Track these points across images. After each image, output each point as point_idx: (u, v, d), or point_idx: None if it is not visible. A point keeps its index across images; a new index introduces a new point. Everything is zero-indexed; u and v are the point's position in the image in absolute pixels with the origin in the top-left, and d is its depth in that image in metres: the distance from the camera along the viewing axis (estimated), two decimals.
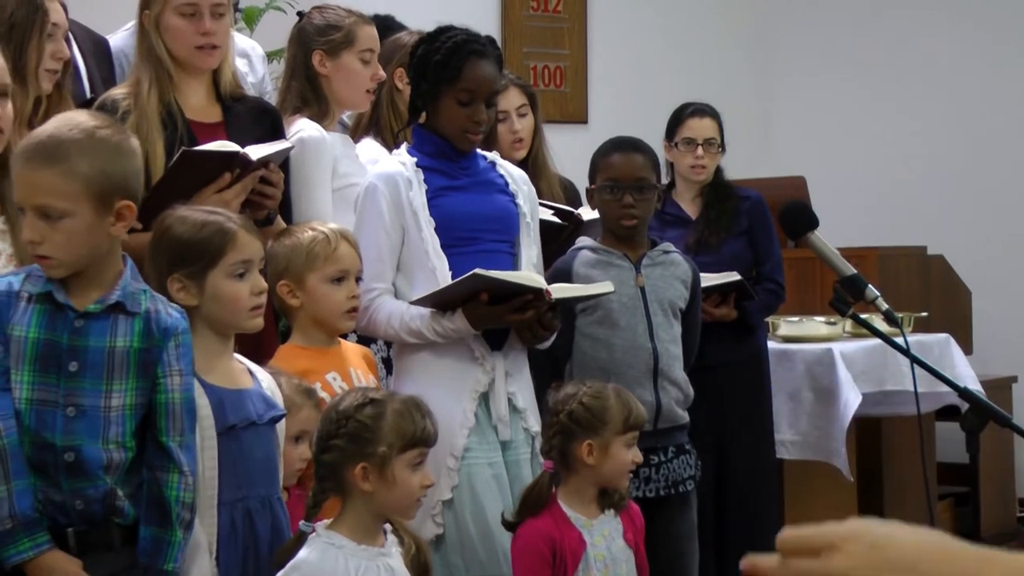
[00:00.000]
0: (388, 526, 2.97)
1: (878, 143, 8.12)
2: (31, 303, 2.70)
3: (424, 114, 3.77)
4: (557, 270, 4.03)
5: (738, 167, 5.36)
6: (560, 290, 3.66)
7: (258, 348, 3.42)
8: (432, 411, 3.53)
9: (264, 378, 3.10)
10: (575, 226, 4.33)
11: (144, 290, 2.78)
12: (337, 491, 2.93)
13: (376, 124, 4.43)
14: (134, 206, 2.73)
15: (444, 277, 3.63)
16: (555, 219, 4.25)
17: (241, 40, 4.91)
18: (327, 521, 2.91)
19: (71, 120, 2.75)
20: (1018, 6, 7.85)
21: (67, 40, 4.06)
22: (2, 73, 3.10)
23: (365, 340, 3.89)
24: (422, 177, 3.69)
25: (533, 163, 4.79)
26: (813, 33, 8.35)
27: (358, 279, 3.54)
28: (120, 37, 4.36)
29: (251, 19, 6.08)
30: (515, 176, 3.89)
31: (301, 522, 2.91)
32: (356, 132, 4.48)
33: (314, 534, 2.88)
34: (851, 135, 8.19)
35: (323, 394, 3.38)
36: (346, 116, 4.50)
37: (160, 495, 2.73)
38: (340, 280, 3.49)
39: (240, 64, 4.65)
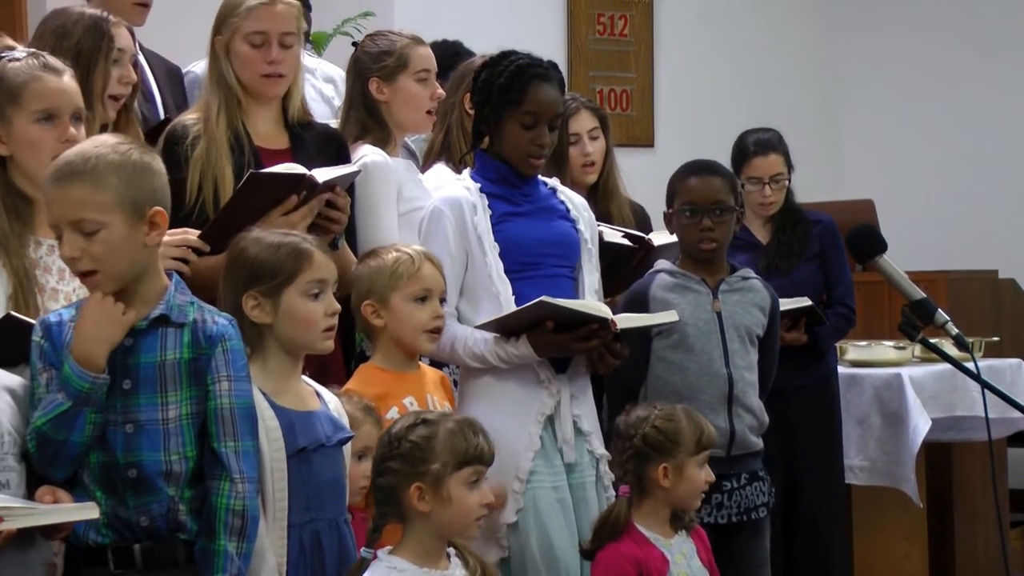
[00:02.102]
0: (451, 549, 2.97)
1: (948, 166, 8.05)
2: None
3: (487, 139, 3.78)
4: (634, 293, 4.03)
5: (806, 190, 5.34)
6: (625, 320, 3.66)
7: (324, 370, 3.44)
8: (497, 434, 3.54)
9: (330, 399, 3.12)
10: (646, 251, 4.32)
11: (192, 302, 2.80)
12: (397, 516, 2.92)
13: (447, 149, 4.44)
14: (166, 213, 2.76)
15: (508, 302, 3.64)
16: (625, 241, 4.24)
17: (328, 66, 4.96)
18: (389, 547, 2.91)
19: (95, 140, 2.81)
20: None
21: (140, 66, 4.12)
22: (76, 96, 3.15)
23: (437, 364, 3.90)
24: (486, 202, 3.71)
25: (604, 186, 4.80)
26: (881, 55, 8.30)
27: (442, 300, 3.56)
28: (203, 63, 4.41)
29: (320, 44, 6.13)
30: (575, 202, 3.90)
31: (363, 548, 2.91)
32: (428, 157, 4.50)
33: (376, 560, 2.87)
34: (920, 158, 8.13)
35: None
36: (411, 140, 4.52)
37: (209, 503, 2.75)
38: (423, 300, 3.51)
39: (327, 89, 4.70)
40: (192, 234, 3.41)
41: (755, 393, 4.03)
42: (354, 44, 4.40)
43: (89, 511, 2.62)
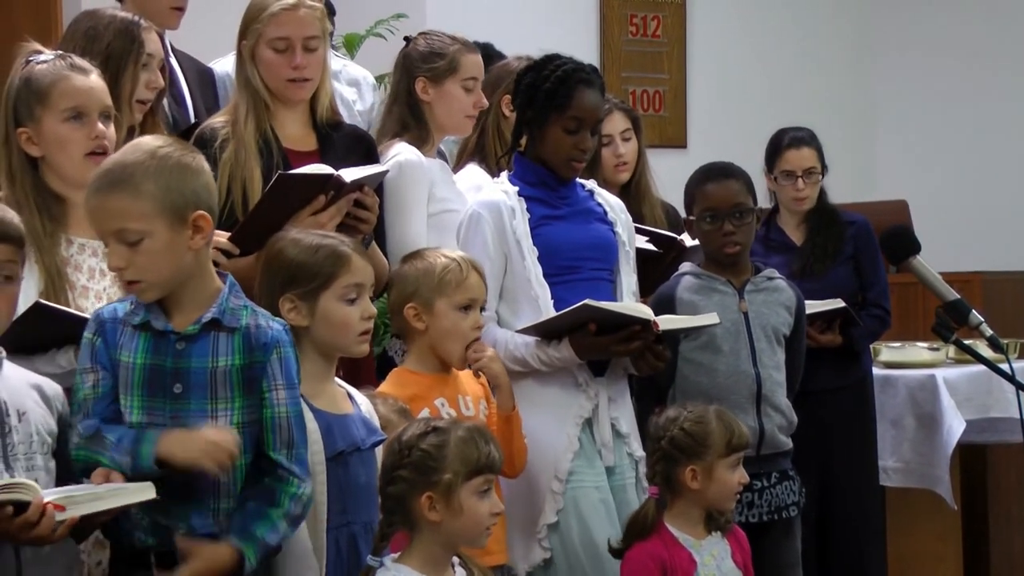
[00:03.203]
0: (455, 558, 2.93)
1: (982, 166, 8.00)
2: (136, 331, 2.74)
3: (524, 141, 3.78)
4: (661, 295, 4.03)
5: (840, 192, 5.32)
6: (667, 321, 3.67)
7: (355, 371, 3.44)
8: (536, 436, 3.57)
9: (362, 402, 3.12)
10: (678, 252, 4.31)
11: (245, 305, 2.78)
12: (404, 524, 2.86)
13: (481, 151, 4.44)
14: (209, 216, 2.74)
15: (547, 306, 3.65)
16: (650, 246, 4.23)
17: (353, 68, 4.97)
18: (395, 555, 2.87)
19: (134, 145, 2.79)
20: None
21: (171, 69, 4.13)
22: (104, 95, 3.17)
23: None
24: (525, 206, 3.71)
25: (636, 187, 4.81)
26: (914, 56, 8.26)
27: (482, 309, 3.56)
28: (228, 60, 4.43)
29: (352, 45, 6.14)
30: (613, 204, 3.91)
31: (369, 557, 2.86)
32: (461, 157, 4.50)
33: (382, 568, 2.82)
34: (954, 158, 8.08)
35: None
36: (442, 145, 4.52)
37: (271, 488, 2.73)
38: (467, 308, 3.50)
39: (349, 92, 4.70)
40: (222, 236, 3.41)
41: (783, 392, 4.03)
42: (406, 39, 4.37)
43: (146, 491, 2.60)
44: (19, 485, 2.53)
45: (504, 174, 3.85)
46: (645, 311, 3.65)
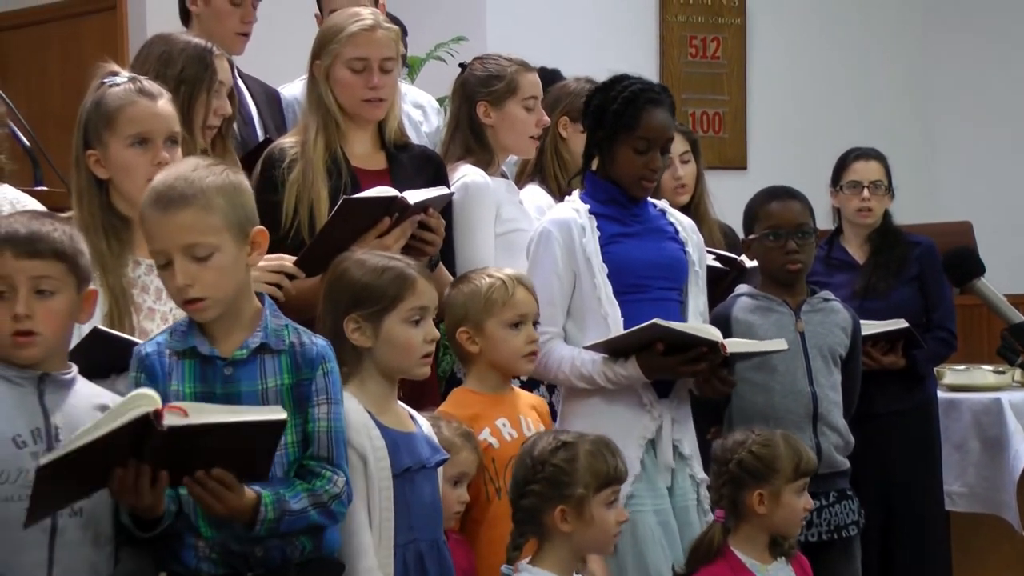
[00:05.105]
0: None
1: None
2: (180, 359, 2.73)
3: (596, 161, 3.79)
4: (717, 315, 4.03)
5: (902, 213, 5.30)
6: (736, 345, 3.65)
7: (419, 393, 3.44)
8: None
9: (423, 423, 3.14)
10: (737, 272, 4.31)
11: (286, 325, 2.78)
12: (536, 534, 3.03)
13: (540, 172, 4.45)
14: (266, 231, 2.77)
15: (616, 324, 3.64)
16: (718, 264, 4.23)
17: (416, 92, 5.00)
18: (528, 558, 3.01)
19: (187, 164, 2.79)
20: None
21: (239, 91, 4.17)
22: (170, 121, 3.18)
23: (529, 384, 3.89)
24: (595, 224, 3.72)
25: (695, 210, 4.79)
26: (974, 75, 8.20)
27: (535, 323, 3.57)
28: (295, 85, 4.47)
29: (413, 68, 6.17)
30: (684, 224, 3.91)
31: (503, 566, 3.01)
32: (520, 179, 4.51)
33: (520, 572, 2.98)
34: (1019, 178, 8.01)
35: (492, 440, 3.42)
36: (503, 166, 4.53)
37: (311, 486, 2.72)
38: (518, 325, 3.51)
39: (415, 114, 4.73)
40: (287, 260, 3.43)
41: (839, 413, 4.03)
42: (461, 65, 4.40)
43: (277, 412, 2.56)
44: (134, 399, 2.48)
45: (576, 192, 3.85)
46: (714, 333, 3.63)
